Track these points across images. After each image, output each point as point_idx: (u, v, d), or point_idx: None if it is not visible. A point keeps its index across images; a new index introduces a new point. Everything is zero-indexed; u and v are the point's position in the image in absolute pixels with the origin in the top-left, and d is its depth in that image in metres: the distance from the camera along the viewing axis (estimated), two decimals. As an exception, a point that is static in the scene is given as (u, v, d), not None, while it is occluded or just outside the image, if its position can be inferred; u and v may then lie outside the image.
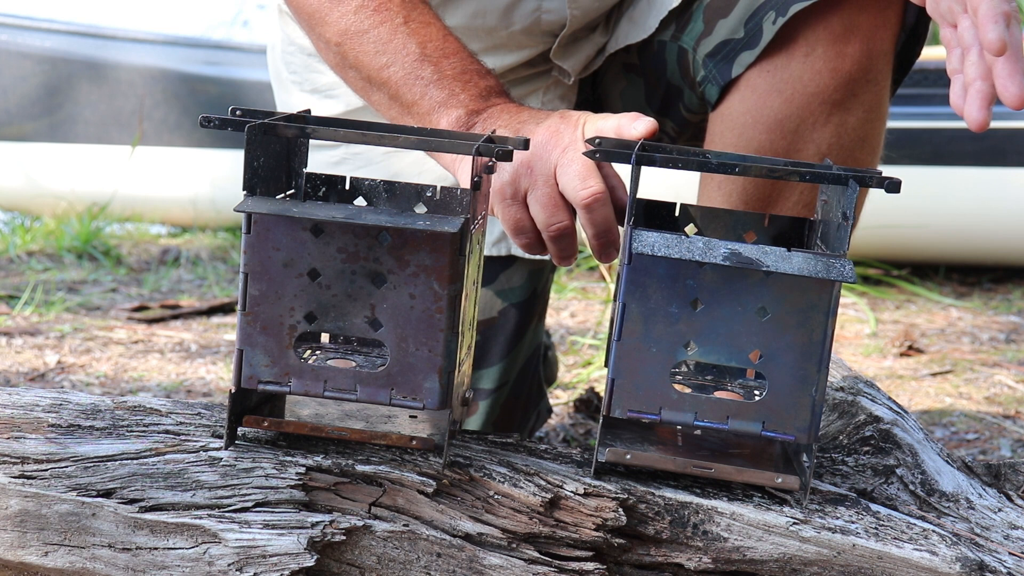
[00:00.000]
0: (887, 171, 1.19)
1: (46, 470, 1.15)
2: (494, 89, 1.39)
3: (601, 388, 2.28)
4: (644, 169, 1.15)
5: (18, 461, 1.15)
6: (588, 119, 1.32)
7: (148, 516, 1.13)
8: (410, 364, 1.13)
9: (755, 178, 1.35)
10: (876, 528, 1.17)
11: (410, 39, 1.39)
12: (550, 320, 2.87)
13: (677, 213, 1.31)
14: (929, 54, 1.57)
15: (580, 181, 1.27)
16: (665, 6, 1.56)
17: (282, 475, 1.14)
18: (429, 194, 1.26)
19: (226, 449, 1.16)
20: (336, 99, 1.70)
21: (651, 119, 1.29)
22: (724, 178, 1.52)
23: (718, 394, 1.22)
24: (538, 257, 1.72)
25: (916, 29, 1.50)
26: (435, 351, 1.13)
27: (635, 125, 1.28)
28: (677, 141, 1.68)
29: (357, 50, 1.42)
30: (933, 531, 1.18)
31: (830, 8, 1.44)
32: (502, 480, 1.16)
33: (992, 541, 1.20)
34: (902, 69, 1.54)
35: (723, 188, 1.52)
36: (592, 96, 1.76)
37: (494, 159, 1.16)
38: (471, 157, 1.15)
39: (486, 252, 1.71)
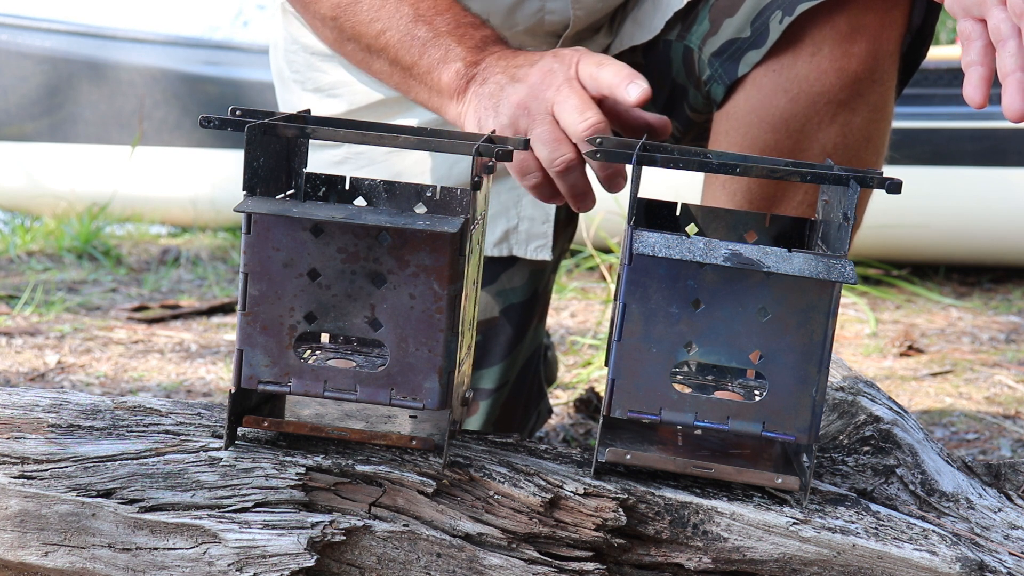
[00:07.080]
0: (887, 171, 1.19)
1: (46, 470, 1.15)
2: (490, 38, 1.41)
3: (601, 388, 2.28)
4: (645, 169, 1.15)
5: (18, 461, 1.15)
6: (583, 59, 1.33)
7: (148, 516, 1.13)
8: (410, 364, 1.13)
9: (758, 178, 1.35)
10: (876, 528, 1.17)
11: (402, 2, 1.41)
12: (550, 320, 2.87)
13: (678, 213, 1.31)
14: (929, 54, 1.57)
15: (578, 114, 1.29)
16: (671, 8, 1.55)
17: (282, 475, 1.14)
18: (429, 194, 1.26)
19: (226, 449, 1.16)
20: (338, 98, 1.70)
21: (646, 86, 1.29)
22: (728, 178, 1.51)
23: (718, 394, 1.22)
24: (541, 258, 1.72)
25: (922, 30, 1.50)
26: (435, 351, 1.13)
27: (629, 89, 1.29)
28: (681, 141, 1.68)
29: (352, 20, 1.44)
30: (933, 531, 1.18)
31: (836, 8, 1.44)
32: (502, 480, 1.16)
33: (992, 541, 1.20)
34: (907, 70, 1.54)
35: (727, 188, 1.52)
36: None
37: (494, 159, 1.16)
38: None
39: (488, 253, 1.71)
